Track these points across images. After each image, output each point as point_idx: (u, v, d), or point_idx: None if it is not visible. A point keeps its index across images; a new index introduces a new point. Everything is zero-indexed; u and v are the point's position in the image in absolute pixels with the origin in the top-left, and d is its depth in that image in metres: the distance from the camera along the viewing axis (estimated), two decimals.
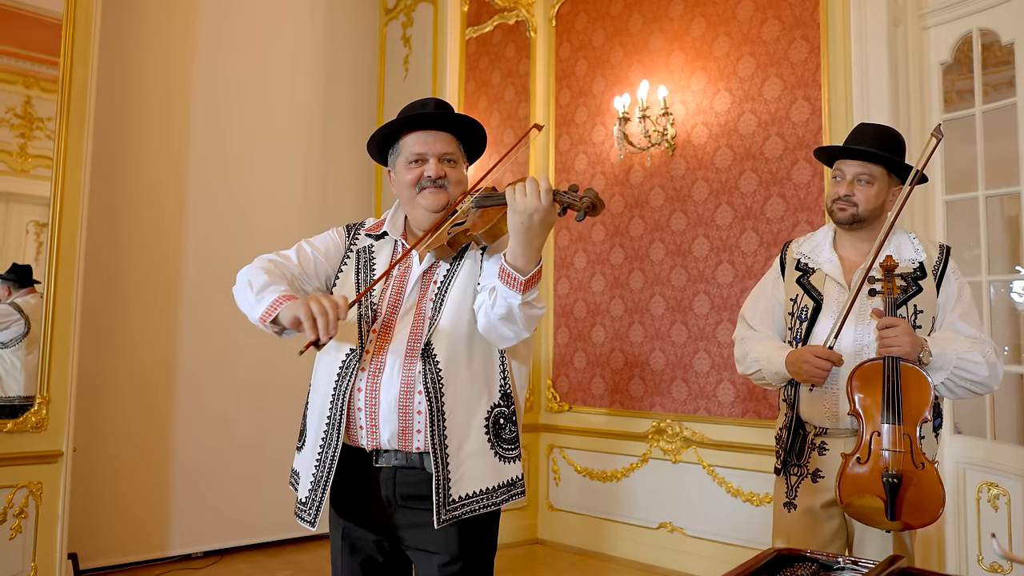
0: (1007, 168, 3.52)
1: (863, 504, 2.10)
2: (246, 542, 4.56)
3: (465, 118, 1.91)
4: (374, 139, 1.92)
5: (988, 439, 3.51)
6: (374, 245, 1.95)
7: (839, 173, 2.34)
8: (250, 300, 1.75)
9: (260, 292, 1.73)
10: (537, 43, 5.05)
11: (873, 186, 2.30)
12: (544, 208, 1.57)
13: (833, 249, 2.41)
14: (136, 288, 4.29)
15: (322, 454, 1.79)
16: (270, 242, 4.66)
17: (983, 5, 3.54)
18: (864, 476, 2.10)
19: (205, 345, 4.47)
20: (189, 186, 4.49)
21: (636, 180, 4.55)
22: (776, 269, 2.52)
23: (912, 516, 2.06)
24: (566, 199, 1.61)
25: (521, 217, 1.58)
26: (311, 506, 1.80)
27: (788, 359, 2.26)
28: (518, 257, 1.62)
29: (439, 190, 1.85)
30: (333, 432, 1.77)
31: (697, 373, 4.24)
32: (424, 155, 1.86)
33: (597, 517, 4.54)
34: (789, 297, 2.42)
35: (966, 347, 2.19)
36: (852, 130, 2.43)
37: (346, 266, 1.93)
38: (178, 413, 4.38)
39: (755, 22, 4.09)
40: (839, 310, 2.27)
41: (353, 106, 5.17)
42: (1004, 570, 3.39)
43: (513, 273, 1.62)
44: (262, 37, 4.79)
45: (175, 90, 4.47)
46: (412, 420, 1.74)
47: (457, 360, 1.77)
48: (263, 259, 1.86)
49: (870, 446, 2.12)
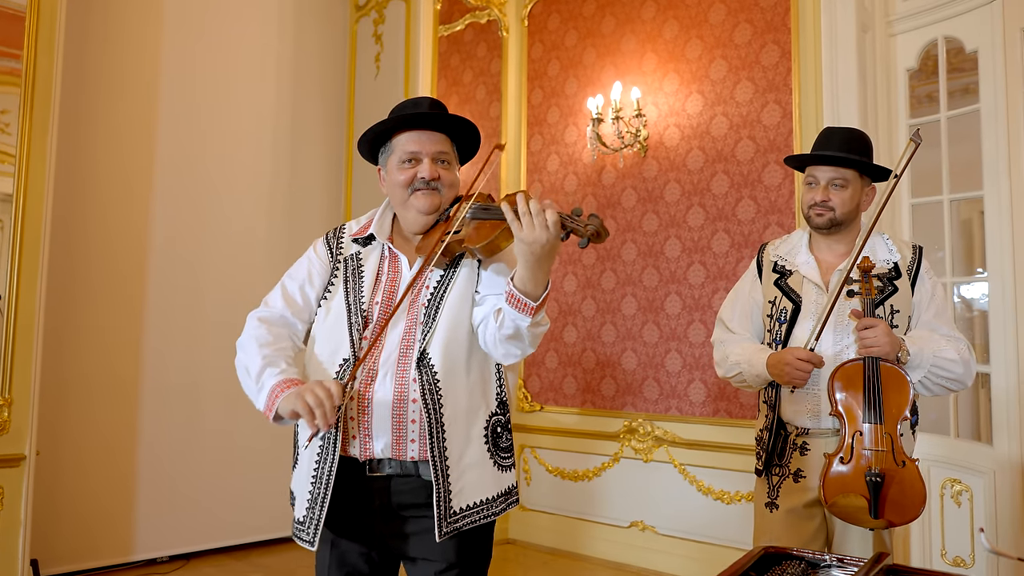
0: (971, 172, 3.62)
1: (847, 503, 2.13)
2: (213, 545, 4.49)
3: (461, 119, 1.87)
4: (366, 137, 1.88)
5: (951, 436, 3.60)
6: (361, 252, 1.88)
7: (812, 179, 2.36)
8: (252, 389, 1.75)
9: (258, 379, 1.72)
10: (509, 43, 5.04)
11: (847, 189, 2.34)
12: (553, 239, 1.56)
13: (809, 251, 2.44)
14: (101, 288, 4.19)
15: (318, 470, 1.73)
16: (238, 242, 4.63)
17: (948, 14, 3.63)
18: (847, 476, 2.14)
19: (171, 347, 4.39)
20: (155, 184, 4.39)
21: (608, 181, 4.57)
22: (753, 271, 2.54)
23: (895, 514, 2.10)
24: (570, 225, 1.59)
25: (531, 247, 1.56)
26: (309, 525, 1.73)
27: (769, 361, 2.28)
28: (527, 282, 1.60)
29: (432, 192, 1.81)
30: (329, 448, 1.72)
31: (669, 373, 4.28)
32: (418, 155, 1.81)
33: (569, 517, 4.55)
34: (767, 299, 2.44)
35: (942, 345, 2.24)
36: (819, 135, 2.45)
37: (336, 279, 1.86)
38: (144, 415, 4.29)
39: (727, 26, 4.13)
40: (818, 312, 2.31)
41: (323, 103, 5.11)
42: (966, 564, 3.48)
43: (523, 299, 1.61)
44: (230, 32, 4.71)
45: (142, 86, 4.37)
46: (406, 429, 1.70)
47: (456, 370, 1.74)
48: (254, 322, 1.83)
49: (852, 446, 2.15)
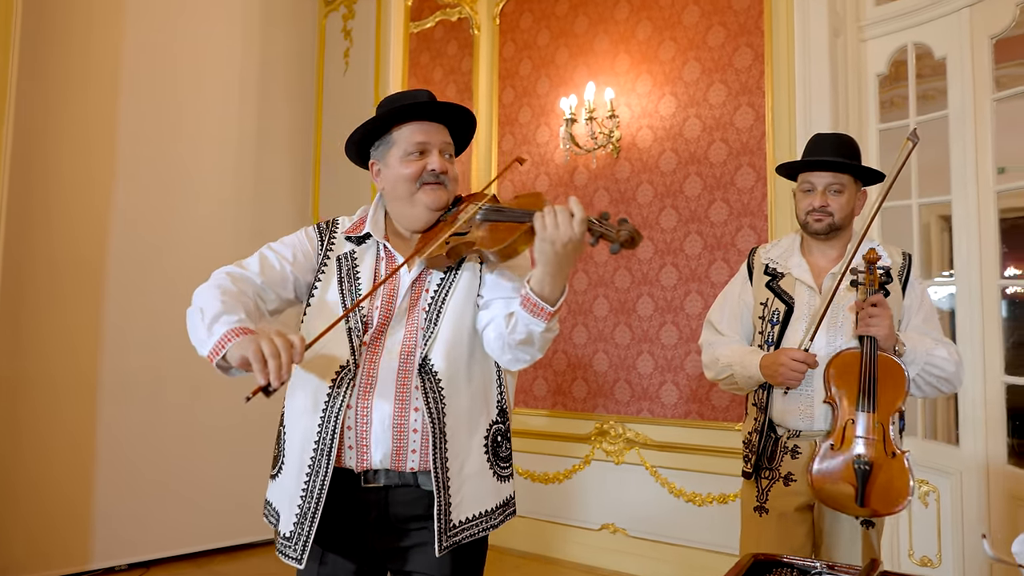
0: (939, 177, 3.67)
1: (834, 490, 2.15)
2: (172, 553, 4.35)
3: (464, 109, 1.79)
4: (365, 127, 1.75)
5: (920, 438, 3.65)
6: (356, 250, 1.77)
7: (809, 185, 2.36)
8: (200, 333, 1.54)
9: (211, 324, 1.52)
10: (481, 41, 4.99)
11: (844, 194, 2.36)
12: (577, 238, 1.49)
13: (802, 255, 2.45)
14: (57, 289, 4.03)
15: (309, 483, 1.61)
16: (201, 241, 4.50)
17: (918, 20, 3.68)
18: (837, 462, 2.16)
19: (130, 348, 4.24)
20: (117, 183, 4.23)
21: (581, 182, 4.55)
22: (743, 274, 2.54)
23: (880, 503, 2.12)
24: (600, 229, 1.52)
25: (554, 246, 1.49)
26: (297, 541, 1.61)
27: (763, 362, 2.27)
28: (545, 285, 1.54)
29: (440, 187, 1.73)
30: (322, 458, 1.60)
31: (640, 375, 4.26)
32: (427, 146, 1.72)
33: (540, 520, 4.51)
34: (759, 301, 2.44)
35: (934, 345, 2.28)
36: (810, 141, 2.46)
37: (324, 275, 1.75)
38: (102, 419, 4.14)
39: (700, 28, 4.14)
40: (811, 313, 2.31)
41: (290, 99, 5.00)
42: (934, 564, 3.53)
43: (540, 303, 1.54)
44: (195, 25, 4.57)
45: (102, 79, 4.21)
46: (407, 439, 1.62)
47: (458, 377, 1.66)
48: (221, 274, 1.66)
49: (844, 433, 2.17)
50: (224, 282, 1.64)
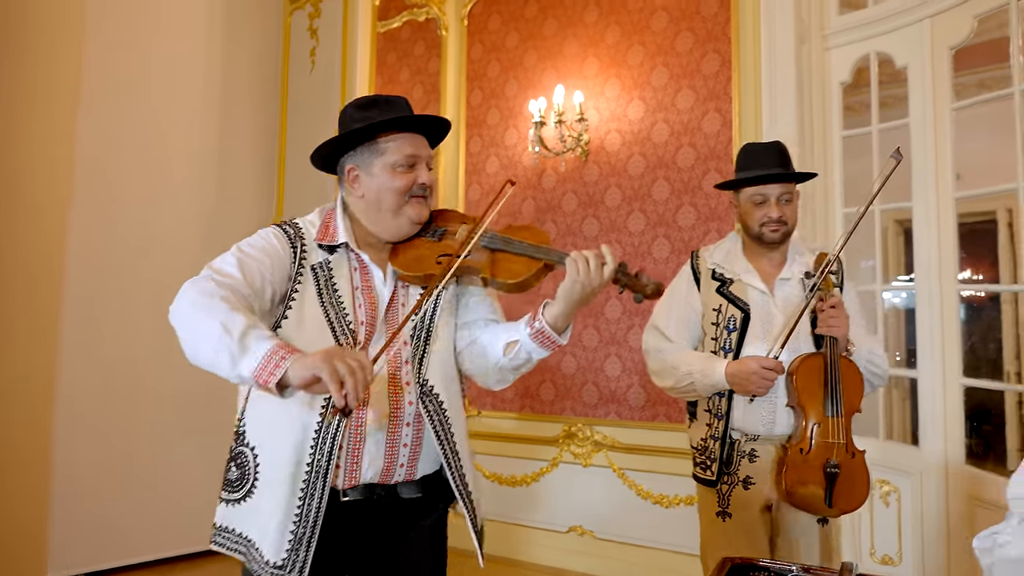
0: (900, 183, 3.75)
1: (805, 492, 2.20)
2: (131, 561, 4.25)
3: (447, 126, 1.80)
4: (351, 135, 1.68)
5: (881, 439, 3.72)
6: (330, 260, 1.69)
7: (761, 197, 2.38)
8: (226, 349, 1.37)
9: (242, 338, 1.38)
10: (448, 42, 4.96)
11: (793, 202, 2.42)
12: (605, 284, 1.61)
13: (746, 259, 2.47)
14: (14, 296, 3.91)
15: (304, 507, 1.55)
16: (164, 245, 4.40)
17: (880, 30, 3.76)
18: (806, 466, 2.21)
19: (87, 356, 4.12)
20: (75, 187, 4.11)
21: (549, 184, 4.55)
22: (688, 278, 2.53)
23: (845, 502, 2.21)
24: (626, 280, 1.66)
25: (584, 290, 1.59)
26: (293, 569, 1.54)
27: (729, 371, 2.28)
28: (560, 320, 1.62)
29: (425, 200, 1.72)
30: (318, 481, 1.55)
31: (608, 377, 4.28)
32: (417, 159, 1.70)
33: (507, 523, 4.50)
34: (711, 308, 2.44)
35: (872, 344, 2.38)
36: (748, 153, 2.47)
37: (301, 285, 1.65)
38: (58, 424, 4.01)
39: (669, 33, 4.17)
40: (765, 317, 2.35)
41: (253, 98, 4.92)
42: (894, 562, 3.61)
43: (555, 338, 1.63)
44: (156, 22, 4.47)
45: (61, 80, 4.09)
46: (398, 455, 1.63)
47: (452, 392, 1.71)
48: (210, 283, 1.50)
49: (811, 437, 2.21)
50: (225, 293, 1.49)
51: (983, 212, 5.19)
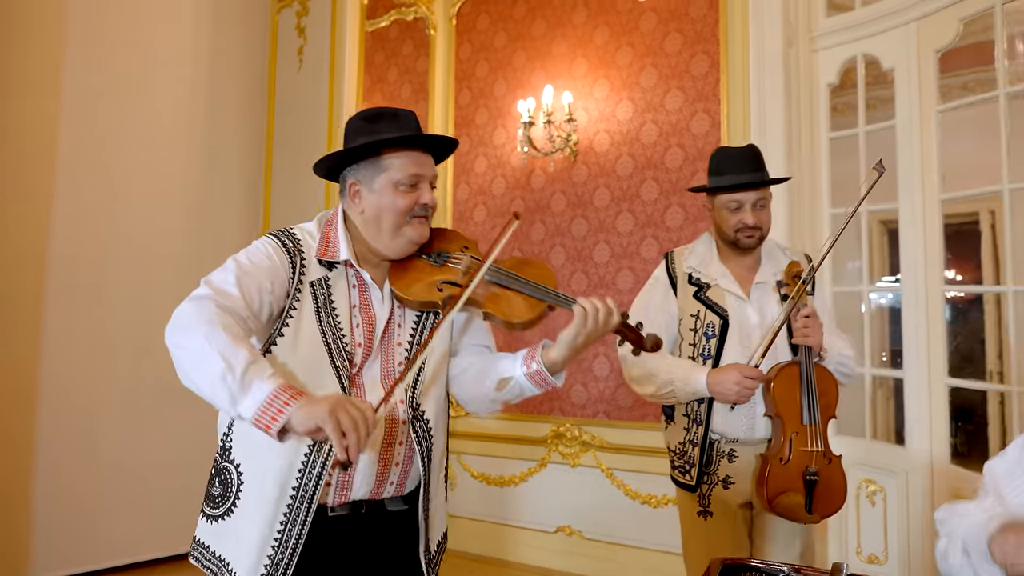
0: (886, 184, 3.77)
1: (786, 500, 2.21)
2: (114, 564, 4.21)
3: (453, 143, 1.77)
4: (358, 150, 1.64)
5: (867, 439, 3.75)
6: (329, 276, 1.64)
7: (736, 203, 2.36)
8: (228, 386, 1.34)
9: (243, 375, 1.35)
10: (437, 41, 4.95)
11: (767, 207, 2.41)
12: (603, 334, 1.62)
13: (722, 263, 2.47)
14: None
15: (285, 531, 1.52)
16: (147, 247, 4.36)
17: (867, 32, 3.78)
18: (786, 475, 2.22)
19: (72, 352, 4.08)
20: (57, 188, 4.07)
21: (538, 185, 4.55)
22: (664, 283, 2.51)
23: (824, 508, 2.22)
24: (628, 334, 1.68)
25: (588, 337, 1.59)
26: None
27: (710, 379, 2.28)
28: (559, 364, 1.62)
29: (426, 220, 1.69)
30: (302, 505, 1.52)
31: (596, 377, 4.29)
32: (421, 179, 1.66)
33: (495, 523, 4.50)
34: (689, 313, 2.43)
35: (842, 344, 2.41)
36: (722, 158, 2.43)
37: (298, 302, 1.60)
38: (41, 425, 3.97)
39: (658, 34, 4.18)
40: (743, 323, 2.36)
41: (240, 96, 4.88)
42: (880, 561, 3.63)
43: (551, 380, 1.62)
44: (141, 19, 4.42)
45: (42, 77, 4.04)
46: (390, 473, 1.63)
47: (440, 414, 1.71)
48: (210, 306, 1.44)
49: (790, 446, 2.22)
50: (227, 321, 1.44)
51: (966, 214, 5.24)
